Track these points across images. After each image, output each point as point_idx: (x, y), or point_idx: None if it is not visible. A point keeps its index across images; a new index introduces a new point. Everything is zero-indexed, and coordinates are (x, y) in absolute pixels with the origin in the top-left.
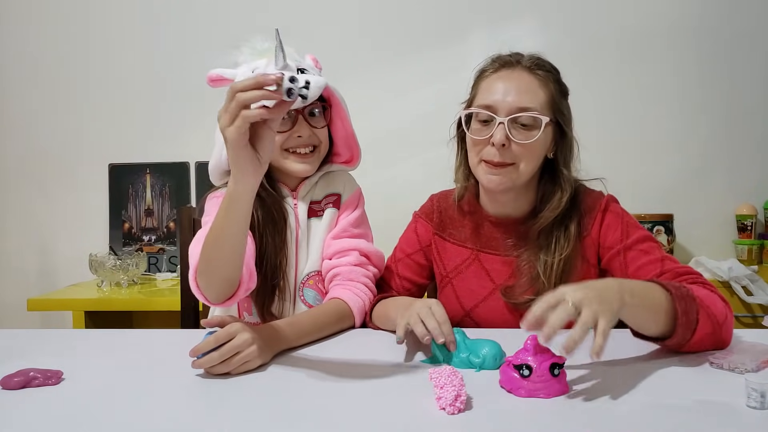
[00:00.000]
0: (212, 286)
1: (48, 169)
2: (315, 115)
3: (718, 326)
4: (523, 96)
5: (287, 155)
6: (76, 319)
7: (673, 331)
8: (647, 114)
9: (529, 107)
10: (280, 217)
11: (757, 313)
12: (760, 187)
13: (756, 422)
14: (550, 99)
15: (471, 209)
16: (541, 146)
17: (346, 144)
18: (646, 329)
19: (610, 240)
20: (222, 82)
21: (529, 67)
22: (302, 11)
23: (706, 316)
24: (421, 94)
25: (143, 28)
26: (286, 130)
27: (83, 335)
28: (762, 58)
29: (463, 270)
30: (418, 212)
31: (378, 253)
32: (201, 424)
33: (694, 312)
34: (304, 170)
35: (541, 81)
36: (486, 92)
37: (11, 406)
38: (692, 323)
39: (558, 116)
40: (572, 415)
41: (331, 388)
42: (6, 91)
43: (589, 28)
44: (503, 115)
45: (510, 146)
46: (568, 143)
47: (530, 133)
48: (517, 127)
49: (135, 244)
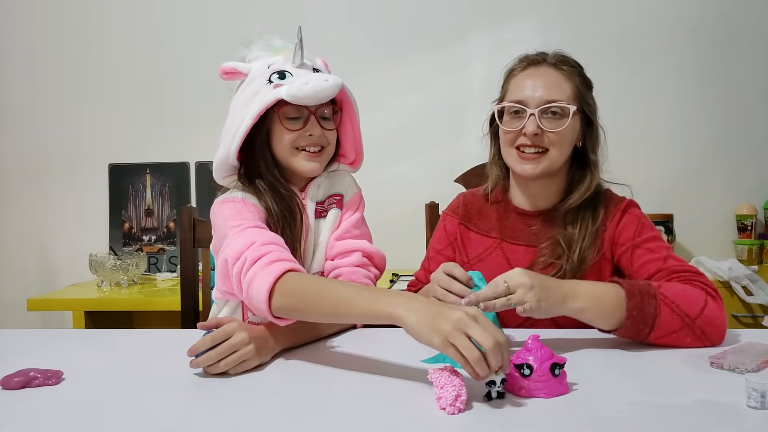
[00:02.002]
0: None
1: (48, 169)
2: (326, 116)
3: (689, 321)
4: (550, 90)
5: (297, 153)
6: (76, 319)
7: (623, 325)
8: (647, 114)
9: (556, 99)
10: (296, 211)
11: (757, 313)
12: (760, 187)
13: (756, 422)
14: (575, 91)
15: (498, 200)
16: (570, 134)
17: (354, 146)
18: (599, 325)
19: (623, 237)
20: (235, 75)
21: (554, 64)
22: (303, 12)
23: (670, 312)
24: (421, 94)
25: (143, 28)
26: (298, 128)
27: (83, 335)
28: (762, 58)
29: (485, 258)
30: (445, 210)
31: (380, 254)
32: (201, 424)
33: (651, 307)
34: (311, 169)
35: (566, 75)
36: (516, 89)
37: (11, 406)
38: (648, 318)
39: (584, 106)
40: (572, 415)
41: (331, 388)
42: (6, 91)
43: (589, 28)
44: (533, 107)
45: (542, 135)
46: (594, 131)
47: (559, 121)
48: (547, 117)
49: (135, 244)
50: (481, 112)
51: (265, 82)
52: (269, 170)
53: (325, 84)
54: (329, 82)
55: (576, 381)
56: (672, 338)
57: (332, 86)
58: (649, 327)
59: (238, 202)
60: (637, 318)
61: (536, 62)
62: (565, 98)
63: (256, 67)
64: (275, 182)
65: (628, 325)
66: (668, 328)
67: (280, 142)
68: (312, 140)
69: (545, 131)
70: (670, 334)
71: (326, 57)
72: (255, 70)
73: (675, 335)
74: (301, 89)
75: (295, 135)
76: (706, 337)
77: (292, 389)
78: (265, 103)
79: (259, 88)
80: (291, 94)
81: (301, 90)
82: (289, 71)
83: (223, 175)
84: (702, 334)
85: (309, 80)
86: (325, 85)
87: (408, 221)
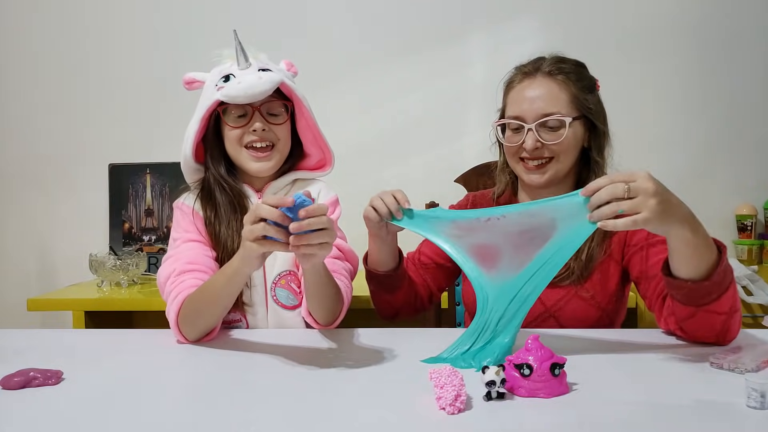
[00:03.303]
0: (195, 332)
1: (48, 169)
2: (275, 113)
3: (732, 312)
4: (546, 102)
5: (244, 151)
6: (76, 319)
7: (708, 277)
8: (647, 114)
9: (552, 111)
10: (241, 208)
11: (757, 313)
12: (760, 187)
13: (756, 422)
14: (572, 98)
15: (507, 201)
16: (573, 141)
17: (315, 144)
18: (686, 266)
19: (636, 238)
20: (195, 84)
21: (549, 72)
22: (303, 13)
23: (733, 293)
24: (421, 94)
25: (143, 28)
26: (242, 125)
27: (83, 335)
28: (762, 58)
29: None
30: (453, 205)
31: (352, 252)
32: (201, 424)
33: (728, 279)
34: (259, 169)
35: (561, 84)
36: (513, 104)
37: (11, 406)
38: (722, 287)
39: (584, 111)
40: (572, 415)
41: (331, 388)
42: (6, 91)
43: (589, 28)
44: (531, 121)
45: (543, 148)
46: (599, 133)
47: (557, 133)
48: (545, 130)
49: (135, 244)
50: (481, 112)
51: (213, 86)
52: (217, 169)
53: (258, 81)
54: (262, 79)
55: (576, 381)
56: (710, 319)
57: (265, 83)
58: (717, 295)
59: (179, 207)
60: (717, 282)
61: (530, 74)
62: (561, 109)
63: (211, 75)
64: (221, 180)
65: (707, 285)
66: (722, 308)
67: (229, 141)
68: (257, 135)
69: (545, 144)
70: (715, 314)
71: (326, 57)
72: (210, 78)
73: (716, 318)
74: (234, 88)
75: (240, 132)
76: (730, 333)
77: (292, 389)
78: (206, 107)
79: (210, 93)
80: (225, 94)
81: (234, 89)
82: (233, 74)
83: (189, 178)
84: (728, 330)
85: (242, 80)
86: (258, 82)
87: None
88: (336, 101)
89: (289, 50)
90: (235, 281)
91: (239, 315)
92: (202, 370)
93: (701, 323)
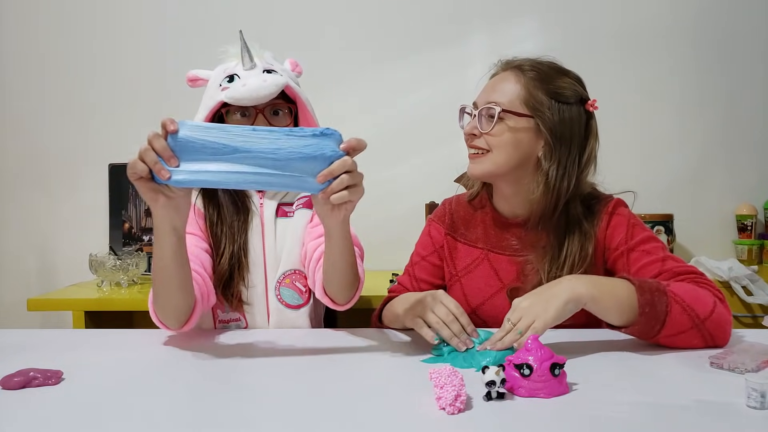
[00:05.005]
0: (168, 315)
1: (48, 169)
2: (278, 114)
3: (699, 322)
4: (494, 92)
5: None
6: (76, 319)
7: (639, 316)
8: (647, 114)
9: (492, 101)
10: (243, 207)
11: (757, 313)
12: (760, 187)
13: (756, 422)
14: (526, 96)
15: (482, 206)
16: (510, 139)
17: None
18: (610, 320)
19: (615, 242)
20: (198, 82)
21: (519, 67)
22: (304, 13)
23: (681, 310)
24: (421, 94)
25: (144, 28)
26: None
27: (83, 335)
28: (762, 58)
29: (473, 269)
30: (431, 217)
31: (357, 237)
32: (201, 424)
33: (662, 305)
34: None
35: (520, 79)
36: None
37: (11, 406)
38: (660, 315)
39: (534, 113)
40: (572, 415)
41: (331, 388)
42: (7, 90)
43: (588, 28)
44: (477, 108)
45: (481, 137)
46: (562, 151)
47: (491, 123)
48: (486, 119)
49: (135, 244)
50: None
51: (217, 86)
52: None
53: (263, 84)
54: (267, 82)
55: (576, 381)
56: (680, 338)
57: (269, 86)
58: (660, 324)
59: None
60: (649, 314)
61: (503, 66)
62: (502, 100)
63: (215, 73)
64: None
65: (641, 321)
66: (678, 327)
67: None
68: None
69: (482, 133)
70: (679, 334)
71: (326, 57)
72: (214, 76)
73: (684, 335)
74: (238, 90)
75: None
76: (712, 339)
77: (292, 389)
78: (209, 107)
79: (213, 92)
80: (229, 95)
81: (238, 91)
82: (238, 74)
83: None
84: (709, 336)
85: (247, 82)
86: (263, 85)
87: (408, 221)
88: (336, 101)
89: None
90: (163, 243)
91: (238, 314)
92: (202, 370)
93: (676, 344)
